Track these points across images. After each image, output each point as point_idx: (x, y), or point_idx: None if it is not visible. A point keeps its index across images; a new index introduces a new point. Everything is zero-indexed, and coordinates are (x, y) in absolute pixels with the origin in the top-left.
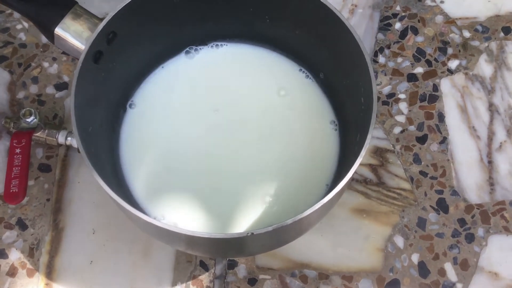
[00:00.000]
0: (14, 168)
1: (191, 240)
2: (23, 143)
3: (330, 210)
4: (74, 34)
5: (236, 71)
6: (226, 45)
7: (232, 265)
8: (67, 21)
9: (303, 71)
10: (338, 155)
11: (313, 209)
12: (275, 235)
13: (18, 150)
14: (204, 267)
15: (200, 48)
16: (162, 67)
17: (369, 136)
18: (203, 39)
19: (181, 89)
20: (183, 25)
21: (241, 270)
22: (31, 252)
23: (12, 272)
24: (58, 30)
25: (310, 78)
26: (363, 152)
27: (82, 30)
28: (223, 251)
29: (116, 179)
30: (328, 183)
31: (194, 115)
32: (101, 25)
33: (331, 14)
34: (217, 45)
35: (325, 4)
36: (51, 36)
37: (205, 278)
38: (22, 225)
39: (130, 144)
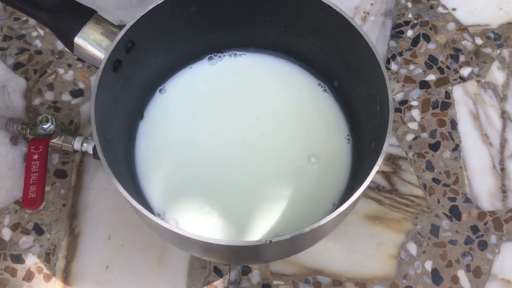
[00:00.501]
0: (32, 174)
1: (210, 247)
2: (41, 149)
3: (345, 217)
4: (93, 43)
5: (253, 81)
6: (245, 54)
7: (246, 271)
8: (87, 30)
9: (322, 86)
10: (351, 164)
11: (330, 218)
12: (292, 243)
13: (35, 156)
14: (218, 273)
15: (219, 56)
16: (177, 75)
17: (385, 145)
18: (219, 48)
19: (197, 97)
20: (199, 33)
21: (255, 276)
22: (48, 257)
23: (28, 277)
24: (77, 40)
25: (328, 92)
26: (379, 160)
27: (101, 39)
28: (239, 258)
29: (133, 184)
30: (342, 192)
31: (210, 122)
32: (120, 35)
33: (345, 22)
34: (235, 54)
35: (339, 12)
36: (70, 45)
37: (219, 284)
38: (38, 230)
39: (146, 150)
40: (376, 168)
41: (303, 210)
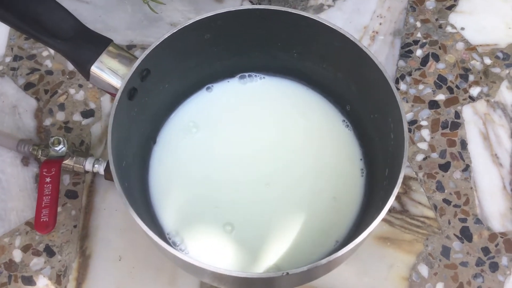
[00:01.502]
0: (44, 197)
1: (223, 278)
2: (53, 172)
3: (359, 247)
4: (109, 72)
5: (269, 106)
6: (264, 78)
7: None
8: (103, 59)
9: (345, 122)
10: (363, 195)
11: (348, 249)
12: (307, 274)
13: (48, 179)
14: None
15: (228, 81)
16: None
17: (401, 176)
18: (233, 73)
19: (208, 121)
20: (212, 60)
21: None
22: (59, 279)
23: None
24: (94, 69)
25: (349, 128)
26: (395, 191)
27: (117, 68)
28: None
29: (146, 207)
30: (354, 219)
31: (222, 148)
32: (136, 63)
33: (357, 49)
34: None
35: (350, 38)
36: (86, 73)
37: None
38: (49, 251)
39: (159, 175)
40: (392, 199)
41: (314, 241)
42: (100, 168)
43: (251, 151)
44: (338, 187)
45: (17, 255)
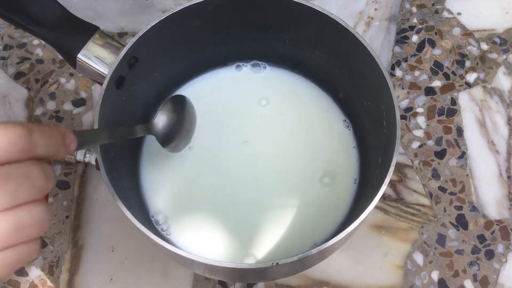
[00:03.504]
0: None
1: (215, 269)
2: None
3: (351, 236)
4: (96, 60)
5: (258, 92)
6: (246, 66)
7: (251, 283)
8: (90, 47)
9: (347, 122)
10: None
11: (338, 238)
12: (298, 264)
13: None
14: (223, 285)
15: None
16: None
17: (393, 163)
18: (222, 60)
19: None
20: (202, 47)
21: None
22: (51, 270)
23: None
24: (80, 57)
25: (350, 128)
26: (387, 180)
27: (104, 56)
28: (245, 277)
29: (137, 199)
30: (347, 208)
31: (216, 135)
32: (123, 51)
33: (349, 35)
34: (238, 66)
35: (344, 26)
36: (73, 62)
37: None
38: (41, 242)
39: (150, 164)
40: (384, 187)
41: (307, 229)
42: (91, 158)
43: (243, 137)
44: (331, 175)
45: None
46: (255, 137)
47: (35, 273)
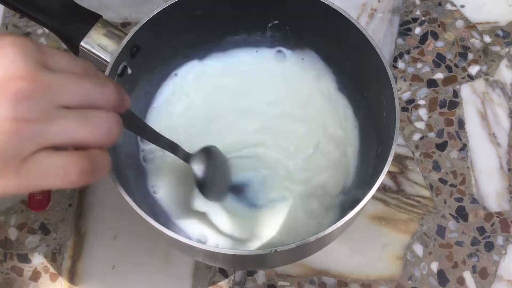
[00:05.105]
0: None
1: (215, 256)
2: None
3: (351, 224)
4: (99, 48)
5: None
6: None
7: (251, 272)
8: (92, 35)
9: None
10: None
11: (336, 226)
12: (297, 251)
13: None
14: (224, 273)
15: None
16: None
17: (392, 153)
18: (224, 49)
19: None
20: (204, 35)
21: (260, 277)
22: (54, 257)
23: (35, 277)
24: (83, 44)
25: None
26: (385, 169)
27: (106, 44)
28: (244, 265)
29: (139, 184)
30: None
31: (217, 119)
32: (126, 40)
33: (350, 25)
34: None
35: (345, 16)
36: (75, 49)
37: (224, 284)
38: (44, 230)
39: (152, 152)
40: (381, 178)
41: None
42: None
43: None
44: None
45: (13, 233)
46: (255, 111)
47: (38, 260)
